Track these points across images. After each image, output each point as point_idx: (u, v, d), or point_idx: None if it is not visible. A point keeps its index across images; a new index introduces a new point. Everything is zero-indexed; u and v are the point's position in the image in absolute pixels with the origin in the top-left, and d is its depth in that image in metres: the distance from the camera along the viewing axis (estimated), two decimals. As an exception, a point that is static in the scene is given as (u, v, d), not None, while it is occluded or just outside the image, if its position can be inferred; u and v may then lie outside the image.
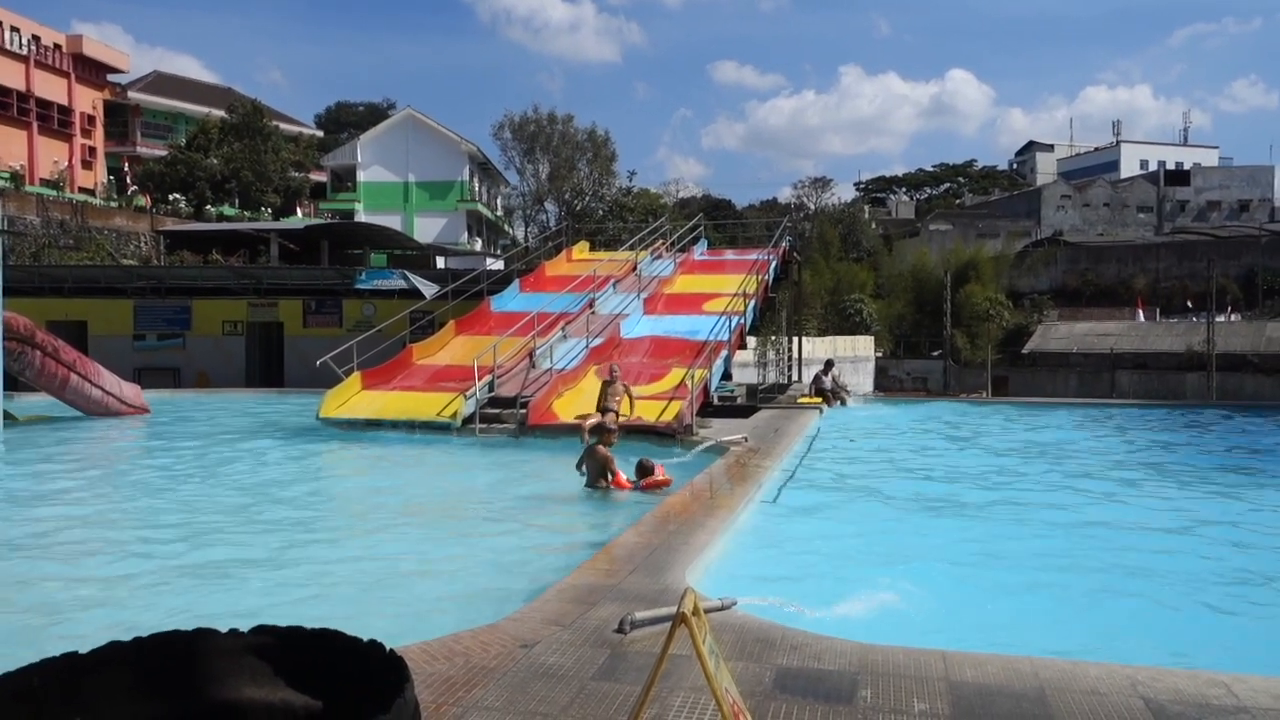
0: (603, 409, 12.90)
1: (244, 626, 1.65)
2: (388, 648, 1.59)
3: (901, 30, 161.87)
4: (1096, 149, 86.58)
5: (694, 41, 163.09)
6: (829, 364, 20.65)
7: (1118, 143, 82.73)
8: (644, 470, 9.49)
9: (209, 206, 41.20)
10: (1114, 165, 77.78)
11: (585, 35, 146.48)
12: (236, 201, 43.50)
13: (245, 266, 29.00)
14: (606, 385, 13.46)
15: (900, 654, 4.14)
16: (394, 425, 13.96)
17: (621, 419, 12.48)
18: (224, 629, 1.63)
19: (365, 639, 1.61)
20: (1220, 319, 32.02)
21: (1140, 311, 38.23)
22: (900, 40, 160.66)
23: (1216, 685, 3.77)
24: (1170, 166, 69.74)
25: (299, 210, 48.25)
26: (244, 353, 25.52)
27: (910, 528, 8.60)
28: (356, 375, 15.37)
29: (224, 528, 8.21)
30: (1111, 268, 44.64)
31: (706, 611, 4.25)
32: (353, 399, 14.92)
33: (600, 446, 9.47)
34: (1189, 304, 38.31)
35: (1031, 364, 34.08)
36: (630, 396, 13.35)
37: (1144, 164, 76.55)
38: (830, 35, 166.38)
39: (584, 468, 9.59)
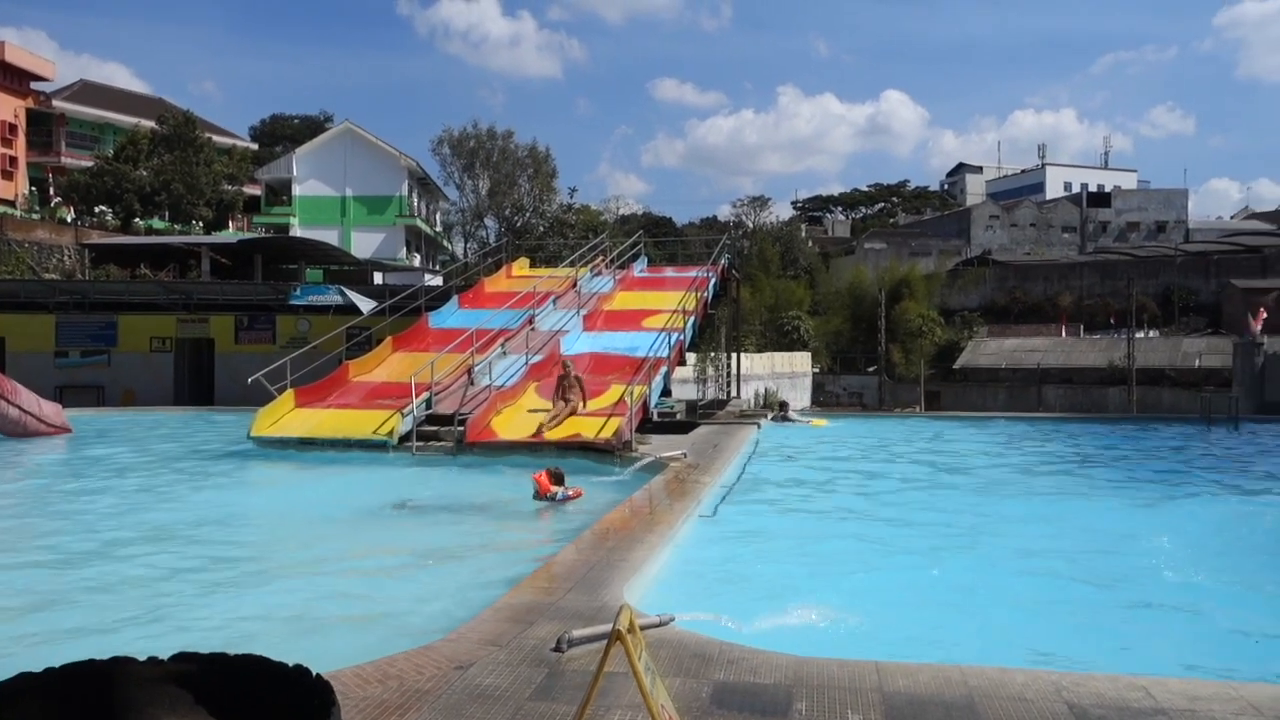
0: (565, 398, 13.86)
1: (164, 654, 1.60)
2: (314, 672, 1.56)
3: (839, 52, 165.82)
4: (1023, 171, 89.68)
5: (635, 58, 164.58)
6: (784, 405, 21.96)
7: (1043, 165, 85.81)
8: (558, 479, 9.63)
9: (137, 219, 39.94)
10: (1040, 187, 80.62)
11: (526, 50, 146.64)
12: (167, 214, 42.25)
13: (175, 281, 28.21)
14: (561, 379, 14.17)
15: (835, 665, 4.19)
16: (328, 444, 13.67)
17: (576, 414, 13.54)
18: (142, 657, 1.58)
19: (291, 664, 1.58)
20: (1140, 335, 33.32)
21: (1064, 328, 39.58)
22: (838, 62, 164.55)
23: (1136, 689, 3.90)
24: (1092, 189, 72.67)
25: (232, 224, 47.12)
26: (173, 370, 24.77)
27: (846, 540, 8.73)
28: (290, 393, 15.03)
29: (145, 552, 7.93)
30: (1038, 286, 46.14)
31: (643, 628, 4.26)
32: (285, 417, 14.58)
33: None
34: (1111, 320, 39.79)
35: (963, 379, 34.99)
36: (583, 389, 14.15)
37: (1068, 186, 79.53)
38: (769, 55, 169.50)
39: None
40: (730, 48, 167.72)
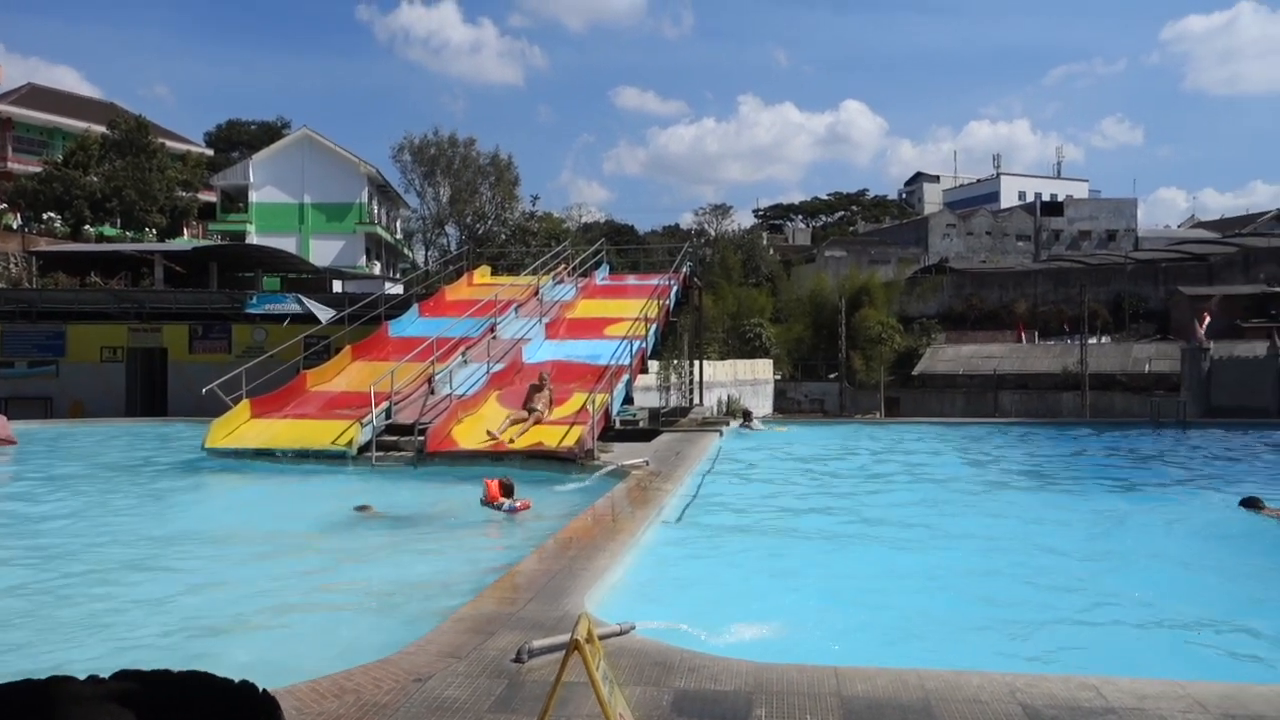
0: (528, 408, 14.02)
1: (106, 672, 1.56)
2: (260, 688, 1.54)
3: (799, 62, 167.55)
4: (979, 180, 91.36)
5: (596, 66, 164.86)
6: (747, 414, 22.18)
7: (998, 175, 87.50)
8: (507, 490, 9.63)
9: (88, 226, 39.04)
10: (995, 196, 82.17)
11: (487, 57, 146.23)
12: (118, 222, 41.35)
13: (126, 290, 27.61)
14: (534, 389, 14.34)
15: (794, 671, 4.22)
16: (285, 455, 13.46)
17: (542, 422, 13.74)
18: (83, 675, 1.54)
19: (237, 680, 1.55)
20: (1092, 341, 34.05)
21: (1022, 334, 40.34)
22: (797, 71, 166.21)
23: (1087, 688, 3.98)
24: (1045, 198, 74.20)
25: (186, 231, 46.29)
26: (124, 380, 24.22)
27: (806, 547, 8.79)
28: (245, 403, 14.78)
29: (90, 567, 7.73)
30: (994, 293, 46.98)
31: (603, 637, 4.24)
32: (241, 428, 14.33)
33: None
34: (1065, 327, 40.63)
35: (921, 385, 35.47)
36: (551, 402, 14.32)
37: (1022, 195, 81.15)
38: (730, 65, 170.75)
39: None
40: (691, 56, 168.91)
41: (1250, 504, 9.95)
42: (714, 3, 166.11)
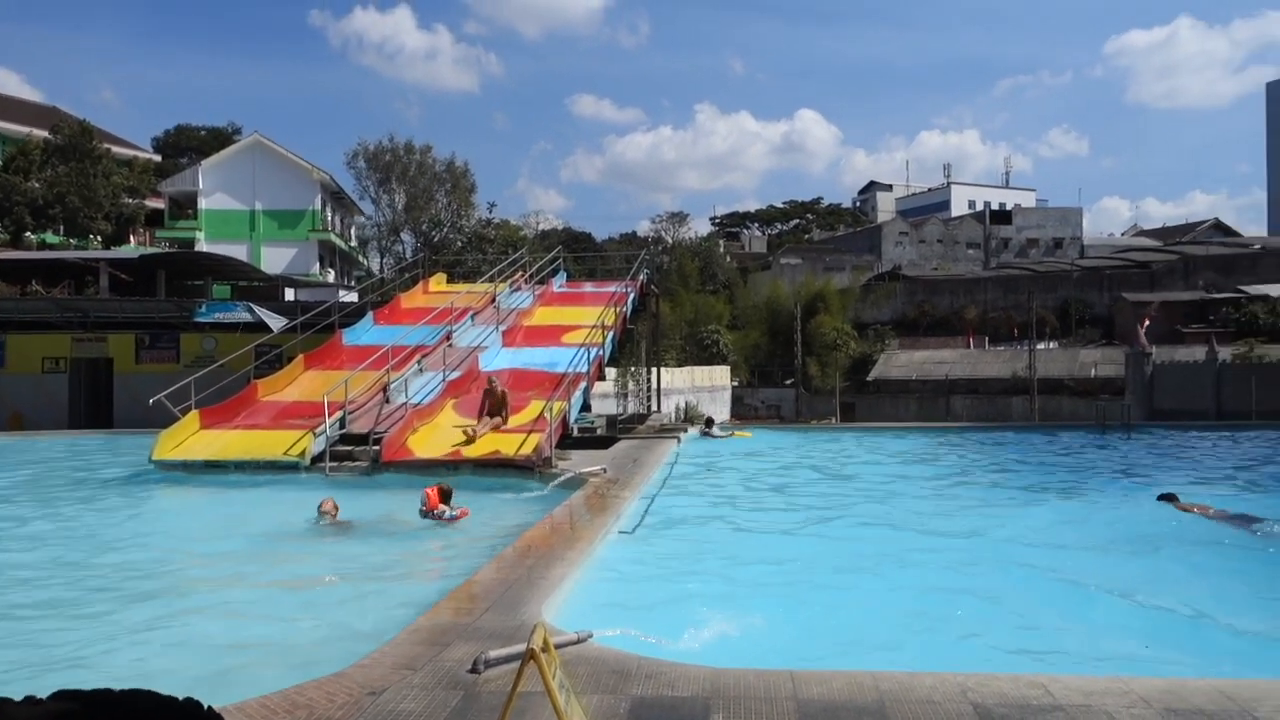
0: (491, 413, 14.02)
1: (44, 692, 1.52)
2: (205, 705, 1.51)
3: (754, 71, 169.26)
4: (930, 189, 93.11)
5: (553, 74, 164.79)
6: (709, 420, 22.40)
7: (949, 184, 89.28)
8: (445, 497, 9.60)
9: (29, 234, 37.99)
10: (945, 205, 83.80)
11: (442, 64, 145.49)
12: (61, 229, 40.29)
13: (70, 299, 26.89)
14: (487, 394, 14.28)
15: (751, 675, 4.24)
16: (236, 466, 13.20)
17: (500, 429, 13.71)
18: (19, 697, 1.50)
19: (182, 697, 1.52)
20: (1040, 346, 34.84)
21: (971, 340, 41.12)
22: (753, 80, 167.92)
23: (1036, 686, 4.06)
24: (995, 207, 75.86)
25: (133, 239, 45.24)
26: (67, 391, 23.56)
27: (764, 551, 8.85)
28: (194, 414, 14.47)
29: (33, 583, 7.51)
30: (945, 299, 47.84)
31: (560, 646, 4.23)
32: (190, 439, 14.02)
33: None
34: (1014, 332, 41.49)
35: (876, 391, 35.95)
36: (507, 405, 14.29)
37: (972, 204, 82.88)
38: (687, 73, 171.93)
39: None
40: (648, 65, 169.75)
41: (1167, 499, 10.45)
42: (670, 12, 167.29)
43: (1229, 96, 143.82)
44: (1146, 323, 29.98)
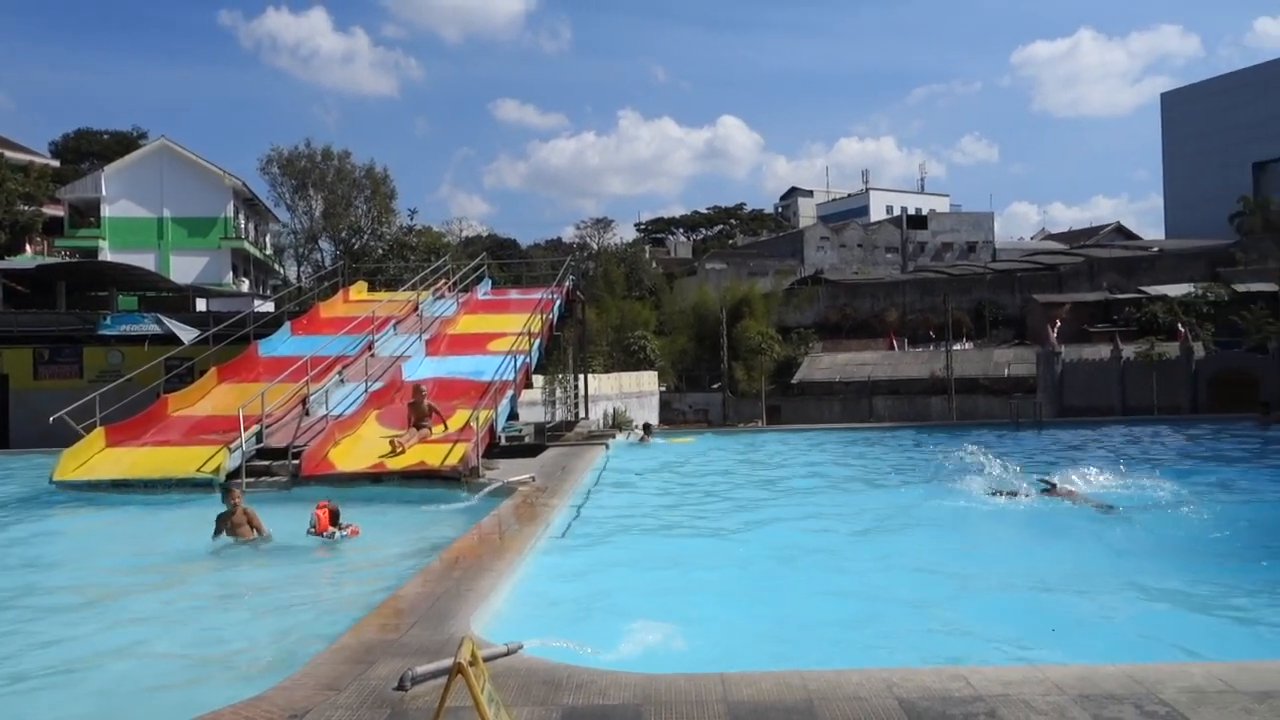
0: (418, 425, 13.83)
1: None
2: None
3: (676, 77, 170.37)
4: (849, 195, 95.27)
5: (475, 79, 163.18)
6: (648, 427, 22.74)
7: (867, 190, 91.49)
8: (334, 517, 9.33)
9: (-87, 243, 35.85)
10: (864, 210, 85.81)
11: (360, 67, 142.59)
12: (-51, 238, 38.15)
13: (-40, 312, 25.42)
14: (412, 406, 14.12)
15: (682, 680, 4.25)
16: (145, 485, 12.65)
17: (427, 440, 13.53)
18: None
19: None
20: (956, 347, 35.94)
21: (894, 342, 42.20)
22: (676, 87, 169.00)
23: (957, 679, 4.17)
24: (911, 212, 78.05)
25: (29, 248, 43.05)
26: (-42, 410, 22.28)
27: (693, 557, 8.90)
28: (99, 431, 13.83)
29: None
30: (866, 303, 49.00)
31: (489, 659, 4.17)
32: (95, 458, 13.39)
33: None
34: (931, 334, 42.72)
35: (800, 393, 36.57)
36: (438, 414, 14.16)
37: (889, 209, 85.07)
38: (609, 79, 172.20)
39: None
40: (571, 71, 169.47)
41: (1046, 487, 11.49)
42: (591, 18, 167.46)
43: (1128, 106, 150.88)
44: (1059, 323, 31.26)
